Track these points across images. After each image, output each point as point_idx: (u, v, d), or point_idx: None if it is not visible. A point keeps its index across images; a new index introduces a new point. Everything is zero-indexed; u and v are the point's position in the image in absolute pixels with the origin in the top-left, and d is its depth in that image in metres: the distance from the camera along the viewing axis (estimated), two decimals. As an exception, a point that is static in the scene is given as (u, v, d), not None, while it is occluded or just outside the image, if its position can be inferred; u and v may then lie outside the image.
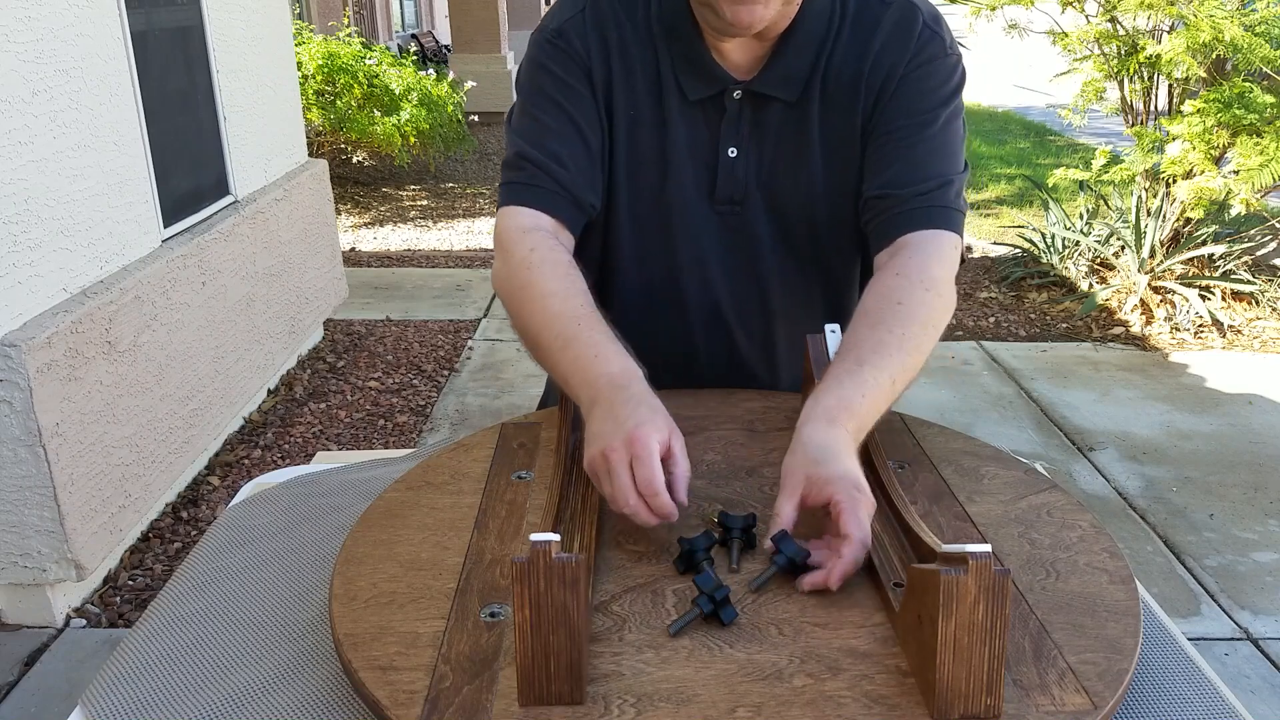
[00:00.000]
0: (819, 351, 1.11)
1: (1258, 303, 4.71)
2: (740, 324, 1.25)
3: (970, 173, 1.21)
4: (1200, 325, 4.55)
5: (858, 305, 1.07)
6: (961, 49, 1.18)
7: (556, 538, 0.70)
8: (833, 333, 1.12)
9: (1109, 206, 5.36)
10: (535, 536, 0.70)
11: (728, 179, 1.16)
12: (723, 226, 1.19)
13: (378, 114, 6.78)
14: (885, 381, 0.97)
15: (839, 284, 1.25)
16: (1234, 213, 4.30)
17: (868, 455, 1.02)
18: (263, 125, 3.76)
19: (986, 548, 0.69)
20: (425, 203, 7.30)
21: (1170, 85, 4.74)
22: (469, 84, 8.39)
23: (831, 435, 0.91)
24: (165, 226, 2.98)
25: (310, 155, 4.34)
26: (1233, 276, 4.77)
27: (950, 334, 4.57)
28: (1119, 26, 4.68)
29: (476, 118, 10.05)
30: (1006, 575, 0.69)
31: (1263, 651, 2.43)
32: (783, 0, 1.06)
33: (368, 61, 6.96)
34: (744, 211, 1.18)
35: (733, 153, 1.15)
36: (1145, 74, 4.69)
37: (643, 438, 0.87)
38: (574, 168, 1.13)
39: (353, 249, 5.97)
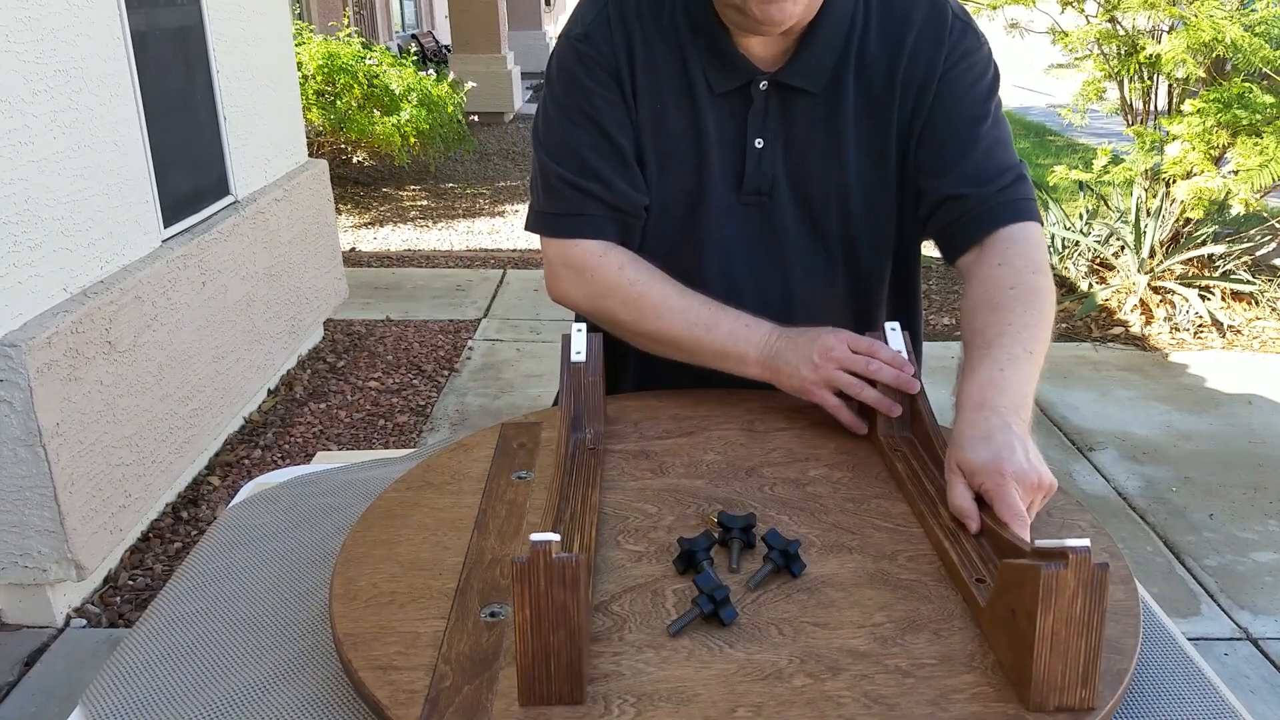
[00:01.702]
0: None
1: (1257, 303, 4.71)
2: (763, 316, 1.24)
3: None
4: (1200, 325, 4.55)
5: (966, 299, 1.09)
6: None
7: (557, 538, 0.70)
8: (893, 330, 1.12)
9: (1109, 206, 5.36)
10: (535, 536, 0.70)
11: (755, 170, 1.17)
12: (749, 218, 1.19)
13: (378, 114, 6.78)
14: (1021, 353, 0.98)
15: (867, 278, 1.24)
16: (1234, 213, 4.30)
17: (937, 458, 1.01)
18: (263, 125, 3.76)
19: (1086, 542, 0.69)
20: (425, 203, 7.30)
21: (1170, 85, 4.74)
22: (469, 84, 8.40)
23: (979, 419, 0.92)
24: (165, 226, 2.98)
25: (310, 155, 4.34)
26: (1232, 276, 4.77)
27: (950, 334, 4.57)
28: (1119, 26, 4.68)
29: (476, 118, 10.07)
30: (1106, 569, 0.69)
31: (1262, 651, 2.43)
32: None
33: (368, 61, 6.96)
34: (771, 203, 1.18)
35: (759, 144, 1.16)
36: (1145, 74, 4.69)
37: (842, 334, 1.07)
38: (618, 182, 1.16)
39: (353, 249, 5.97)
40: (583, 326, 1.15)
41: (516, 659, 0.71)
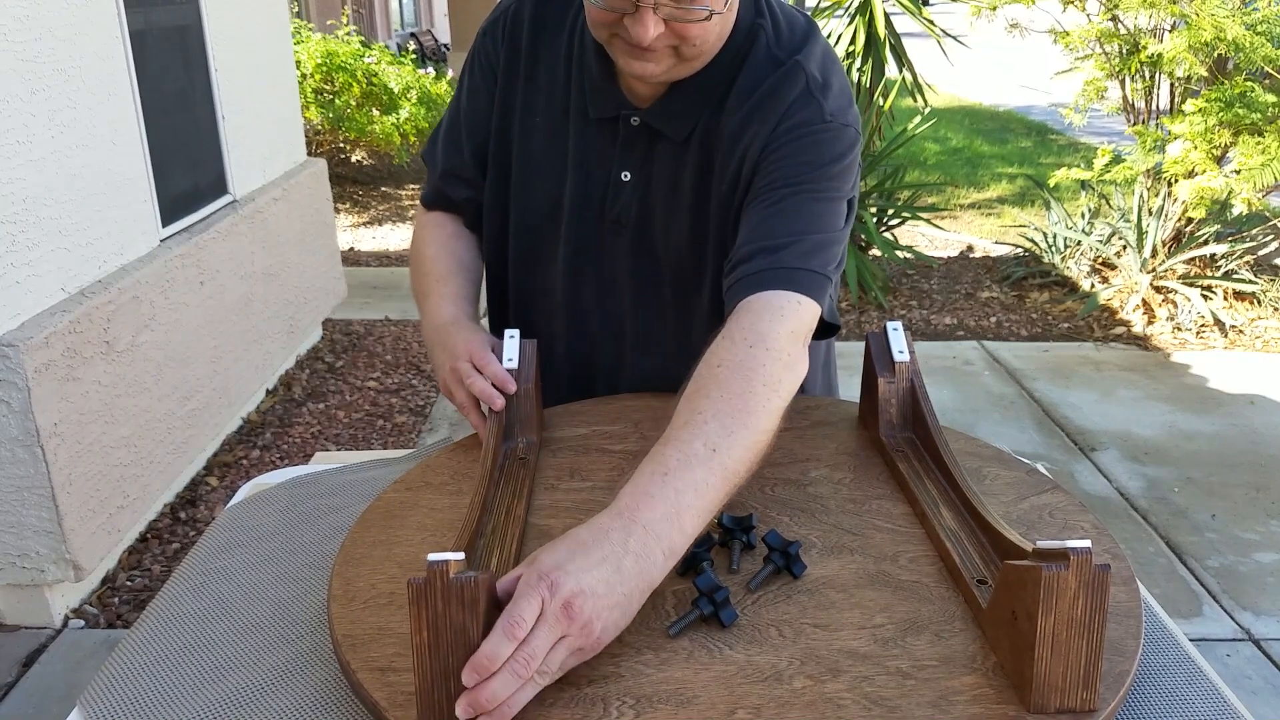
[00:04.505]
0: (879, 349, 1.12)
1: (1259, 302, 4.71)
2: (600, 339, 1.27)
3: (847, 231, 1.10)
4: (1202, 325, 4.54)
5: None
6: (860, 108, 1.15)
7: (457, 557, 0.69)
8: (895, 330, 1.13)
9: (1111, 206, 5.36)
10: (433, 556, 0.68)
11: (616, 200, 1.18)
12: (604, 243, 1.21)
13: (376, 113, 6.78)
14: (700, 451, 0.85)
15: (692, 318, 1.22)
16: (1236, 212, 4.30)
17: (939, 459, 1.01)
18: (261, 124, 3.75)
19: (1087, 543, 0.69)
20: (425, 202, 7.28)
21: (1172, 84, 4.73)
22: (469, 83, 8.38)
23: (597, 530, 0.79)
24: (163, 226, 2.98)
25: (309, 154, 4.33)
26: (1234, 276, 4.76)
27: (952, 334, 4.56)
28: (1120, 25, 4.68)
29: (476, 117, 10.02)
30: (1107, 570, 0.69)
31: (1264, 652, 2.42)
32: (676, 60, 1.05)
33: (366, 60, 6.95)
34: (625, 233, 1.19)
35: (626, 176, 1.17)
36: (1147, 73, 4.68)
37: (477, 349, 1.12)
38: (459, 177, 1.27)
39: (351, 248, 5.97)
40: (515, 333, 1.15)
41: (415, 681, 0.70)
